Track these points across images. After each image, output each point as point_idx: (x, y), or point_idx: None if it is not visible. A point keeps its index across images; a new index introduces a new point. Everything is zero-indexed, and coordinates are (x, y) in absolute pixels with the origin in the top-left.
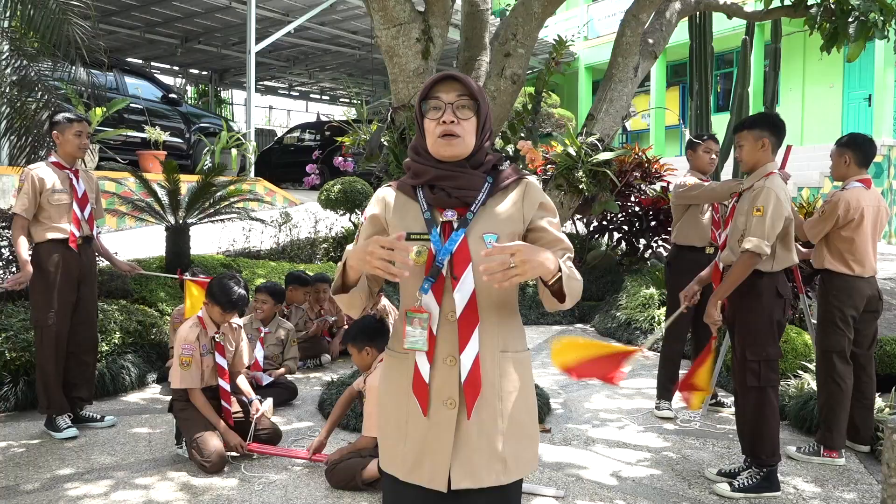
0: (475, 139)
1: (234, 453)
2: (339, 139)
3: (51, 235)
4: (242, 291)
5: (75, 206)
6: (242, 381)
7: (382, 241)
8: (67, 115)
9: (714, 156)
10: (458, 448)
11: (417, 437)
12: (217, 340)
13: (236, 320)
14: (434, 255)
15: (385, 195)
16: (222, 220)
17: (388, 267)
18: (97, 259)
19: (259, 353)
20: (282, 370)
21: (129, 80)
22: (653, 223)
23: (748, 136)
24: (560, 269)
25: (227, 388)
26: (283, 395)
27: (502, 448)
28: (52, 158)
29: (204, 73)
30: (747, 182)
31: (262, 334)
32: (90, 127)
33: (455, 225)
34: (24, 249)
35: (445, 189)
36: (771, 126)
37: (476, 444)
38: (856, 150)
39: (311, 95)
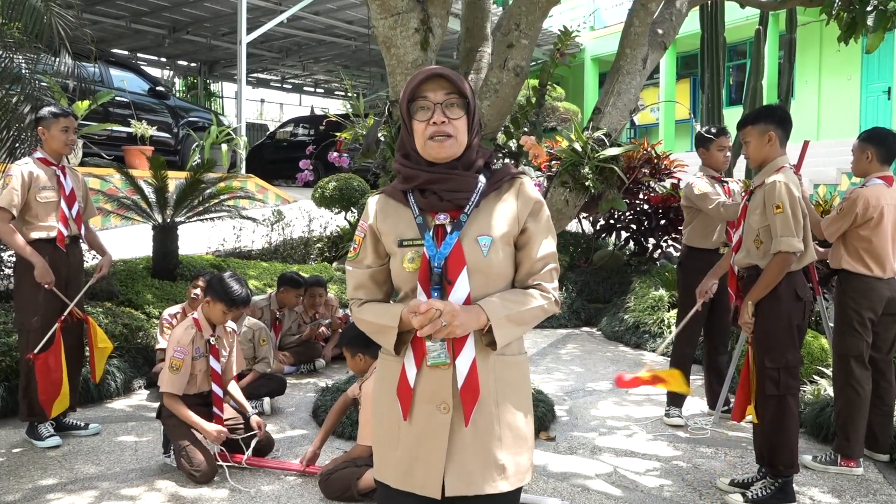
0: (467, 137)
1: (224, 462)
2: (335, 134)
3: (37, 235)
4: (246, 290)
5: (63, 204)
6: (235, 390)
7: (408, 312)
8: (53, 109)
9: (728, 153)
10: (453, 454)
11: (410, 443)
12: (212, 343)
13: (231, 324)
14: (429, 261)
15: (376, 203)
16: (212, 219)
17: (434, 325)
18: (83, 259)
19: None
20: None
21: (115, 73)
22: (662, 222)
23: (753, 132)
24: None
25: (221, 393)
26: (271, 385)
27: (500, 454)
28: (38, 154)
29: (193, 64)
30: (757, 179)
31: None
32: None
33: (448, 228)
34: (21, 240)
35: (437, 192)
36: (775, 118)
37: (472, 450)
38: (879, 146)
39: (305, 88)
